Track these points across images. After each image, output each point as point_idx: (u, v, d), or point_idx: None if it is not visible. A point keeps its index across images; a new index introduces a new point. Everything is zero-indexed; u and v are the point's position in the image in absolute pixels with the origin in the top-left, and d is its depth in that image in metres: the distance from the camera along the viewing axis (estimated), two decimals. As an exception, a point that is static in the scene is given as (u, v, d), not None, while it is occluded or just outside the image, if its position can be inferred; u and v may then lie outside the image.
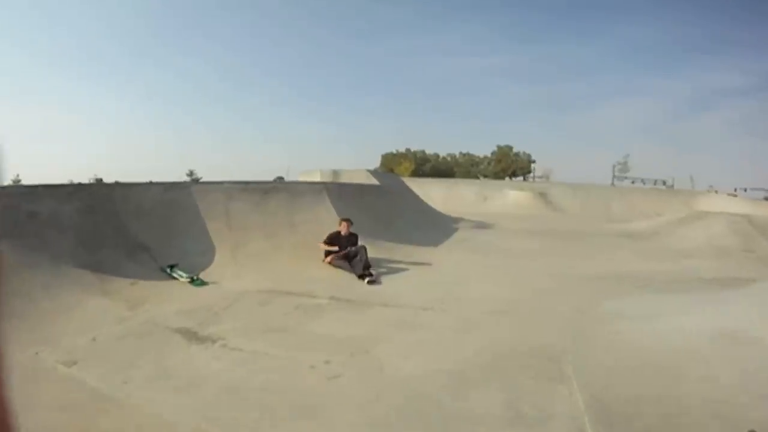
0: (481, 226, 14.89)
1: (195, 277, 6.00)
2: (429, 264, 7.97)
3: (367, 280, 6.48)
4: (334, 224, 7.81)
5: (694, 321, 4.30)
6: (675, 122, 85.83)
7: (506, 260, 8.76)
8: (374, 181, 14.94)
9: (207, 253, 6.84)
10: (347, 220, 7.60)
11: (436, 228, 13.15)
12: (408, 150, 57.00)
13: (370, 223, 9.55)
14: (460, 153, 59.08)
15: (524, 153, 52.71)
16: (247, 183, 9.09)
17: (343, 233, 7.45)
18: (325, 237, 7.41)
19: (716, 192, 29.55)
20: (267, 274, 6.49)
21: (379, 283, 6.48)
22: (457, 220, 15.93)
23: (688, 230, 12.59)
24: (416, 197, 17.21)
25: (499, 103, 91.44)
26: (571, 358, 3.62)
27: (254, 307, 5.07)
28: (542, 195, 24.93)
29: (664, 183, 37.02)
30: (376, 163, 56.34)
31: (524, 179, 47.43)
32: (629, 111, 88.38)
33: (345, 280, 6.58)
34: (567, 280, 6.91)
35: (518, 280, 6.86)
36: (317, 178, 17.15)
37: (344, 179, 16.07)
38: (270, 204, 8.56)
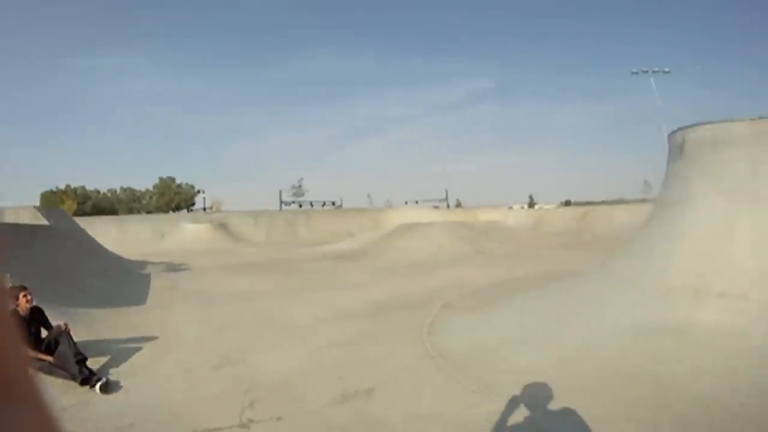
0: (174, 268, 12.32)
1: None
2: (156, 337, 5.37)
3: (98, 384, 3.83)
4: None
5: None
6: (345, 146, 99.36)
7: (250, 312, 6.67)
8: (44, 221, 10.27)
9: None
10: (22, 289, 4.34)
11: (128, 278, 10.06)
12: (68, 186, 44.41)
13: (48, 283, 6.10)
14: (121, 188, 50.74)
15: (187, 184, 49.90)
16: None
17: (22, 312, 4.25)
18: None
19: (407, 203, 33.48)
20: None
21: (117, 385, 3.98)
22: (142, 264, 12.73)
23: (409, 242, 12.82)
24: (92, 240, 12.82)
25: (159, 132, 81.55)
26: None
27: None
28: (222, 226, 23.49)
29: (333, 203, 39.05)
30: (34, 204, 39.24)
31: (188, 210, 44.05)
32: (299, 138, 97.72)
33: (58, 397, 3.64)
34: (376, 313, 6.05)
35: (304, 339, 5.12)
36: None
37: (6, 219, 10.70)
38: None
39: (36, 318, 4.38)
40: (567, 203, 36.97)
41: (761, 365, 3.08)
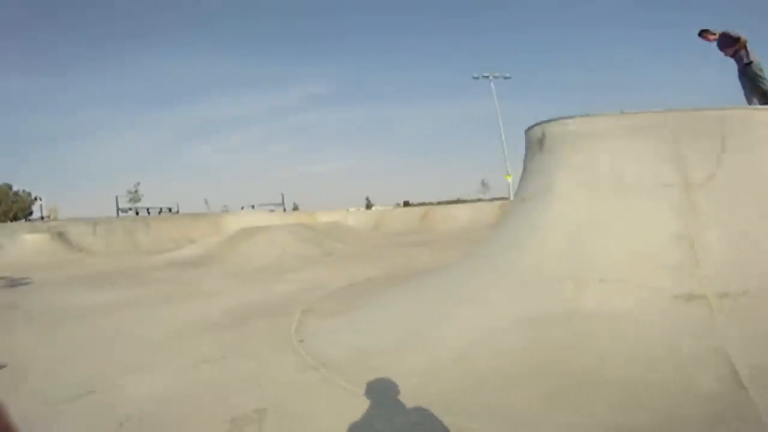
0: (15, 283, 10.80)
1: None
2: (2, 365, 4.25)
3: None
4: None
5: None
6: (180, 150, 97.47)
7: (105, 330, 5.55)
8: None
9: None
10: None
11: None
12: None
13: None
14: (-50, 199, 46.28)
15: (24, 191, 46.81)
16: None
17: None
18: None
19: (244, 208, 32.82)
20: None
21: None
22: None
23: (254, 247, 12.19)
24: None
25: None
26: None
27: None
28: (61, 235, 22.04)
29: (170, 209, 37.26)
30: None
31: (26, 220, 40.97)
32: (134, 141, 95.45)
33: None
34: (238, 323, 5.40)
35: (170, 357, 4.33)
36: None
37: None
38: None
39: None
40: (406, 204, 37.55)
41: (663, 344, 3.11)
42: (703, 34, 6.27)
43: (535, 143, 5.13)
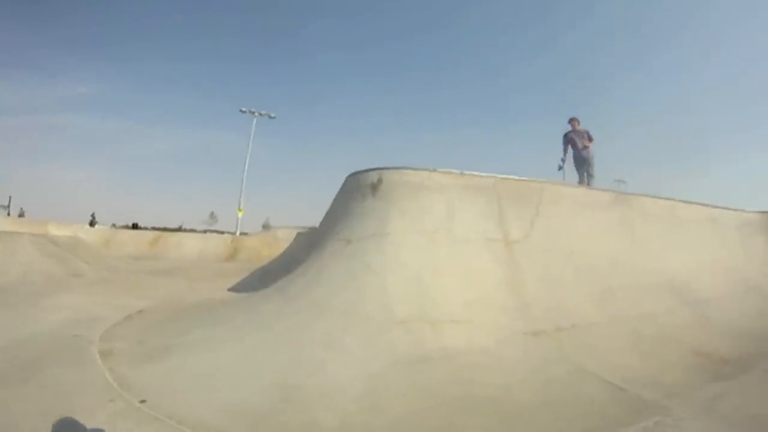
0: None
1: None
2: None
3: None
4: None
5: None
6: None
7: None
8: None
9: None
10: None
11: None
12: None
13: None
14: None
15: None
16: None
17: None
18: None
19: None
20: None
21: None
22: None
23: None
24: None
25: None
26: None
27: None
28: None
29: None
30: None
31: None
32: None
33: None
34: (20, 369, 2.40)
35: None
36: None
37: None
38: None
39: None
40: (135, 226, 37.17)
41: (536, 372, 3.30)
42: (572, 121, 8.29)
43: (366, 187, 5.17)
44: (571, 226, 4.87)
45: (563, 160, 8.33)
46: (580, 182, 8.09)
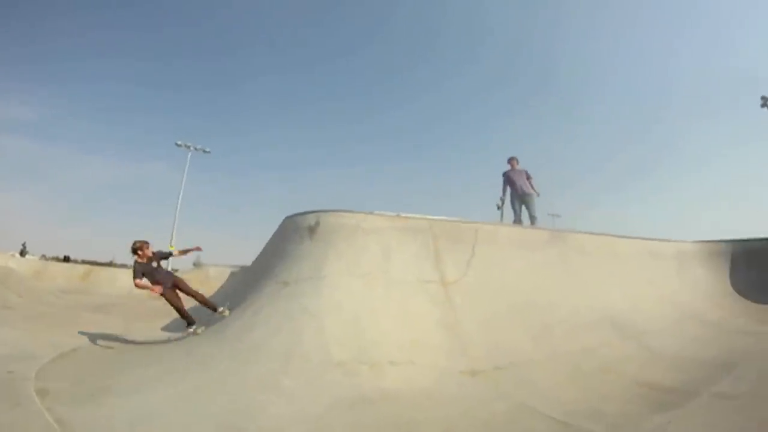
0: None
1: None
2: None
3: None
4: None
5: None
6: None
7: None
8: None
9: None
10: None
11: None
12: None
13: None
14: None
15: None
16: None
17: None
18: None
19: None
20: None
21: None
22: None
23: None
24: None
25: None
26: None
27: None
28: None
29: None
30: None
31: None
32: None
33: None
34: None
35: None
36: None
37: None
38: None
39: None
40: (66, 259, 35.66)
41: (476, 410, 3.20)
42: (511, 161, 8.43)
43: (304, 230, 5.07)
44: (507, 265, 4.87)
45: (502, 200, 8.40)
46: (516, 221, 8.14)
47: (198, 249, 6.27)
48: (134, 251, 5.50)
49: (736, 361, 4.04)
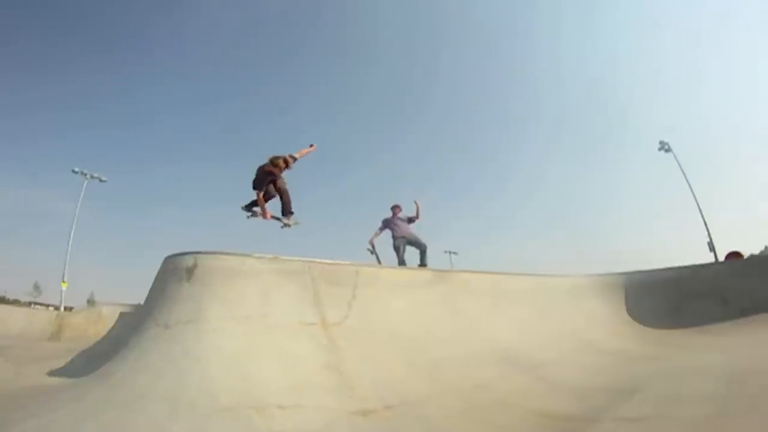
0: None
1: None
2: None
3: None
4: None
5: None
6: None
7: None
8: None
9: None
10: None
11: None
12: None
13: None
14: None
15: None
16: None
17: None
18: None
19: None
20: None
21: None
22: None
23: None
24: None
25: None
26: None
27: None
28: None
29: None
30: None
31: None
32: None
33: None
34: None
35: None
36: None
37: None
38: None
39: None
40: None
41: None
42: (394, 209, 8.76)
43: (182, 271, 4.84)
44: (390, 305, 4.92)
45: (372, 245, 8.69)
46: (400, 264, 8.42)
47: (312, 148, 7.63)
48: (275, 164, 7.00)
49: (641, 386, 4.06)
